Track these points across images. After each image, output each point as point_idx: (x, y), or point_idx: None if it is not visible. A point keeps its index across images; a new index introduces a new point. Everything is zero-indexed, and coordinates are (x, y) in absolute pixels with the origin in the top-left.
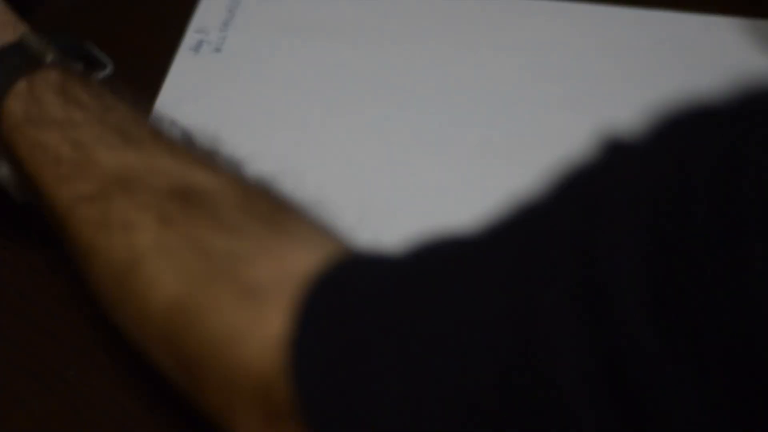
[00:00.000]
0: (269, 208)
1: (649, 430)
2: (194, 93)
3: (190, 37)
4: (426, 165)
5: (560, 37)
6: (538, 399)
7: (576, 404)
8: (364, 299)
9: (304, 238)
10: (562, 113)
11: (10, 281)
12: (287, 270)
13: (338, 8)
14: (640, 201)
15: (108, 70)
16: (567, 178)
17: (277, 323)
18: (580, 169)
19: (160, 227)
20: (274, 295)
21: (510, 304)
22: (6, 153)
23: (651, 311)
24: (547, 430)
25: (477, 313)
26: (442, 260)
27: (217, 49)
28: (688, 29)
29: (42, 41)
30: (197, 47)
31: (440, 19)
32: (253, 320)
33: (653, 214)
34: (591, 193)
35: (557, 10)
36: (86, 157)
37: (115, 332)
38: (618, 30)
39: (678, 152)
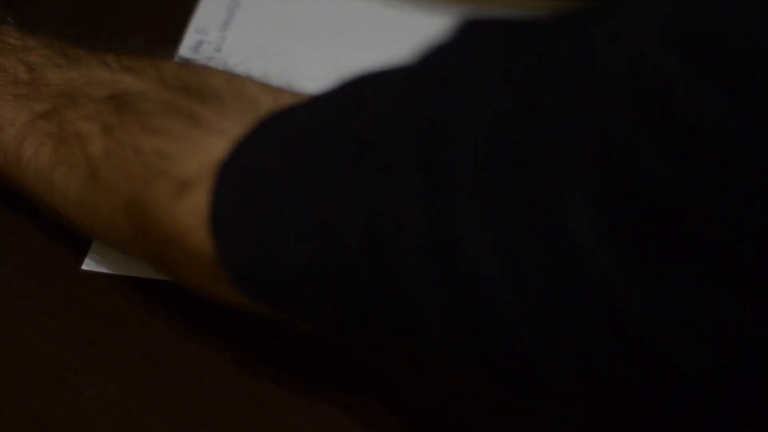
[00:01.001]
0: (189, 103)
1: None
2: None
3: (189, 37)
4: None
5: None
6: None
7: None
8: (265, 161)
9: (222, 127)
10: None
11: (10, 281)
12: (211, 158)
13: (338, 9)
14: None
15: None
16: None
17: (207, 206)
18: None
19: (104, 136)
20: (202, 183)
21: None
22: None
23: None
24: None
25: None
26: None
27: (217, 49)
28: None
29: None
30: (197, 47)
31: (442, 20)
32: (191, 210)
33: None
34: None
35: None
36: (39, 78)
37: (114, 331)
38: None
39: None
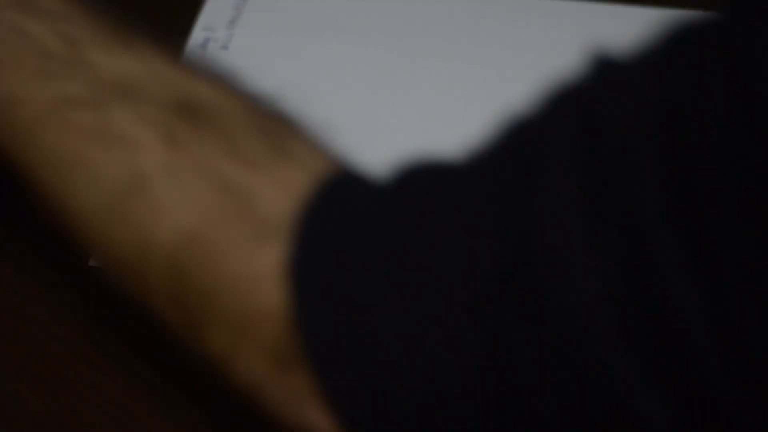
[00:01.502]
0: (273, 126)
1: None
2: None
3: (197, 34)
4: None
5: (551, 36)
6: (541, 303)
7: (586, 305)
8: (357, 229)
9: (304, 158)
10: None
11: (10, 281)
12: (293, 199)
13: (345, 7)
14: (638, 104)
15: None
16: (556, 94)
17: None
18: (569, 85)
19: (168, 148)
20: (285, 231)
21: (507, 214)
22: None
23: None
24: (560, 332)
25: (472, 228)
26: (432, 182)
27: (224, 47)
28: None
29: None
30: (204, 45)
31: (445, 19)
32: (270, 261)
33: (655, 117)
34: (583, 106)
35: (552, 9)
36: (79, 55)
37: (114, 331)
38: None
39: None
